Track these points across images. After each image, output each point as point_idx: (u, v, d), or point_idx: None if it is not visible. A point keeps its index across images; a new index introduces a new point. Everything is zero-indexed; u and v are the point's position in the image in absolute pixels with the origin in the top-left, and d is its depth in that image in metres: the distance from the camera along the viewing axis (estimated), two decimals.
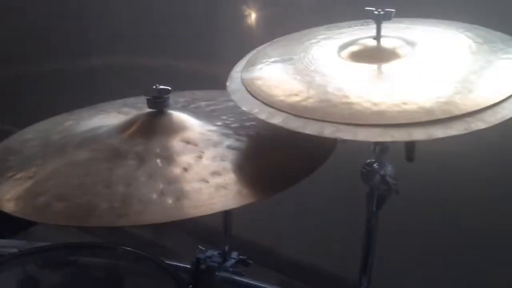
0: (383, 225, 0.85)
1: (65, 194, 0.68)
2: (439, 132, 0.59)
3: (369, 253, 0.83)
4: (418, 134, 0.59)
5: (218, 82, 0.83)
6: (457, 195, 1.06)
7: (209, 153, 0.73)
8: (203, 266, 0.91)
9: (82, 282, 0.84)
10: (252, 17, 1.31)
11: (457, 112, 0.60)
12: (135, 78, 0.85)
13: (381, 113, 0.62)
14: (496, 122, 0.59)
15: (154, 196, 0.66)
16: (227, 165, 0.71)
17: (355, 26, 0.86)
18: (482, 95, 0.62)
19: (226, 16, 1.36)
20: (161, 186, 0.67)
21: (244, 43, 0.92)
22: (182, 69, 1.34)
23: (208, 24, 1.40)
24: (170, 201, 0.65)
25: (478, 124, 0.59)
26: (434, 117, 0.60)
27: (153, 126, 0.79)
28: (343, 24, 0.88)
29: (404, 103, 0.63)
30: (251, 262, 0.97)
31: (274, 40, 0.90)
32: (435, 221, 1.12)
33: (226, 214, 0.97)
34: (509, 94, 0.62)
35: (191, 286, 0.83)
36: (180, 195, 0.66)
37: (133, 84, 0.92)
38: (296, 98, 0.69)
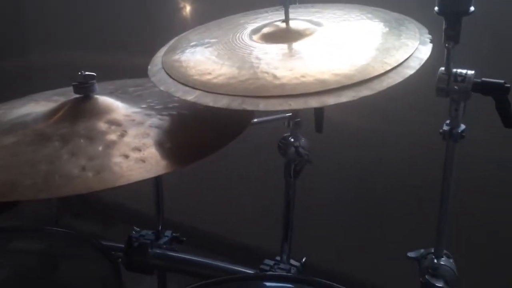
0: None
1: None
2: (331, 100, 0.65)
3: (289, 220, 0.90)
4: (313, 102, 0.66)
5: None
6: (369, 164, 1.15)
7: (132, 131, 0.78)
8: (135, 244, 0.95)
9: (14, 265, 0.87)
10: (186, 9, 1.36)
11: (348, 82, 0.67)
12: (72, 73, 0.88)
13: (282, 86, 0.68)
14: (381, 89, 0.66)
15: (76, 171, 0.70)
16: (148, 141, 0.75)
17: (271, 11, 0.92)
18: (371, 66, 0.69)
19: (159, 9, 1.41)
20: (83, 162, 0.71)
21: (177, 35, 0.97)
22: (117, 61, 1.38)
23: (143, 18, 1.45)
24: (90, 174, 0.69)
25: (365, 91, 0.66)
26: (327, 87, 0.66)
27: (79, 110, 0.83)
28: (260, 10, 0.94)
29: (303, 76, 0.69)
30: (184, 239, 1.02)
31: (196, 27, 0.95)
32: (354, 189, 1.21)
33: (158, 195, 1.02)
34: (394, 65, 0.69)
35: (120, 260, 0.87)
36: (101, 169, 0.70)
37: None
38: (209, 77, 0.74)
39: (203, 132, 0.79)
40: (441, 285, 0.70)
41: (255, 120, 0.87)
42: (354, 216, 1.21)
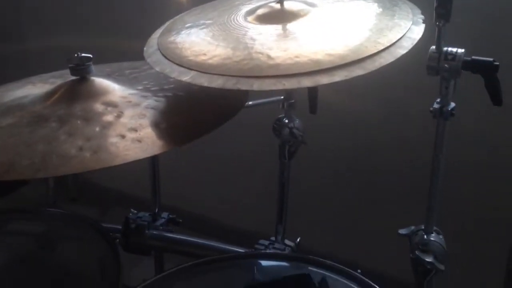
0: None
1: None
2: (324, 79, 0.66)
3: (283, 201, 0.91)
4: (306, 82, 0.67)
5: None
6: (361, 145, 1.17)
7: (128, 113, 0.78)
8: (133, 225, 0.97)
9: (13, 246, 0.88)
10: None
11: (341, 62, 0.68)
12: (69, 55, 0.89)
13: (276, 66, 0.69)
14: (374, 69, 0.67)
15: (73, 151, 0.71)
16: (144, 122, 0.76)
17: None
18: (364, 46, 0.70)
19: None
20: (80, 142, 0.72)
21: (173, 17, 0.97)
22: (113, 45, 1.38)
23: (139, 1, 1.45)
24: (88, 154, 0.70)
25: (358, 71, 0.66)
26: (321, 67, 0.67)
27: (76, 92, 0.84)
28: None
29: (297, 57, 0.70)
30: (180, 221, 1.03)
31: (192, 9, 0.95)
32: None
33: (154, 178, 1.03)
34: (387, 45, 0.70)
35: (117, 240, 0.88)
36: (98, 149, 0.71)
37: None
38: (204, 57, 0.75)
39: (198, 113, 0.80)
40: (430, 260, 0.71)
41: (250, 103, 0.88)
42: (348, 196, 1.22)
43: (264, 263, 0.83)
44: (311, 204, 1.19)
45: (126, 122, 0.76)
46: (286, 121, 0.88)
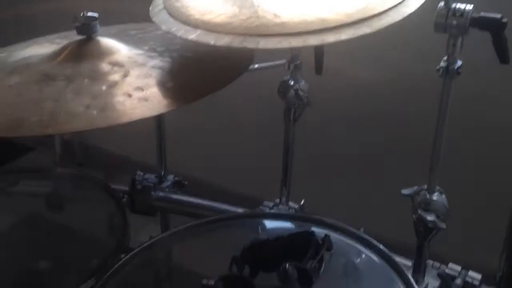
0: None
1: None
2: (331, 38, 0.66)
3: (288, 164, 0.92)
4: (313, 40, 0.66)
5: None
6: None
7: (134, 72, 0.79)
8: (139, 187, 0.98)
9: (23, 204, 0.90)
10: None
11: (348, 20, 0.67)
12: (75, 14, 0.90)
13: (282, 25, 0.69)
14: (381, 27, 0.66)
15: (81, 109, 0.72)
16: (150, 81, 0.77)
17: None
18: (371, 5, 0.69)
19: None
20: (87, 101, 0.73)
21: None
22: (118, 8, 1.37)
23: None
24: (95, 112, 0.71)
25: (365, 29, 0.66)
26: (327, 25, 0.67)
27: (82, 51, 0.84)
28: None
29: (303, 15, 0.69)
30: (186, 183, 1.05)
31: None
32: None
33: (160, 141, 1.04)
34: (394, 4, 0.69)
35: (124, 199, 0.90)
36: (105, 107, 0.72)
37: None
38: (210, 16, 0.75)
39: (204, 72, 0.80)
40: (432, 219, 0.72)
41: (256, 66, 0.88)
42: (352, 158, 1.23)
43: (267, 222, 0.84)
44: (315, 167, 1.20)
45: (132, 81, 0.77)
46: (292, 83, 0.88)
